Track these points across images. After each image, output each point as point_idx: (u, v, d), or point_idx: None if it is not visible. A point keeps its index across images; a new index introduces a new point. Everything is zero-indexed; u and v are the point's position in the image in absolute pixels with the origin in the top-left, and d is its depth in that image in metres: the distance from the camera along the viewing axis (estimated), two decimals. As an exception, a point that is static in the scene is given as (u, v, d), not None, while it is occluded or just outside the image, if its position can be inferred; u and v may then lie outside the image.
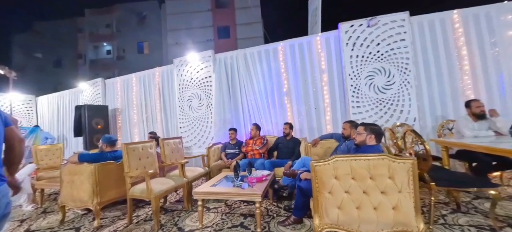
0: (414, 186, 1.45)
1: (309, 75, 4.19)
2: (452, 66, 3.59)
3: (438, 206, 2.32)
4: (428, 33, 3.71)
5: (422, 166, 2.02)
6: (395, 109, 3.68)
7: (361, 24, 3.88)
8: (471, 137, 2.67)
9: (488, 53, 3.50)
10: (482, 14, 3.56)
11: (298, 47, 4.30)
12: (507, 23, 3.46)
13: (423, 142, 1.97)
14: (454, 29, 3.64)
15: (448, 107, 3.56)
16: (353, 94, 3.84)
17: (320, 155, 2.92)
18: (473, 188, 1.85)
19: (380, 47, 3.79)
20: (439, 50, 3.66)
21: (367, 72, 3.82)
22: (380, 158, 1.50)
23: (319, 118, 4.09)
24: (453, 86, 3.57)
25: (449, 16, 3.67)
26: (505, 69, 3.43)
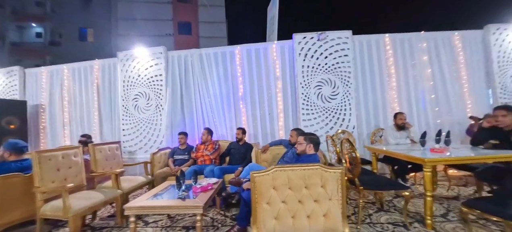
0: (342, 193, 1.56)
1: (264, 81, 4.26)
2: (383, 82, 4.16)
3: (367, 206, 2.61)
4: (366, 51, 4.22)
5: (354, 172, 2.24)
6: (338, 117, 4.05)
7: (313, 37, 4.16)
8: (394, 144, 3.13)
9: (410, 73, 4.18)
10: (406, 39, 4.24)
11: (255, 53, 4.33)
12: (423, 50, 4.21)
13: (354, 150, 2.18)
14: (385, 50, 4.23)
15: (379, 117, 4.10)
16: (303, 102, 4.07)
17: (268, 161, 2.98)
18: (392, 190, 2.13)
19: (327, 60, 4.12)
20: (374, 67, 4.19)
21: (316, 82, 4.10)
22: (314, 168, 1.57)
23: (272, 124, 4.19)
24: (384, 98, 4.14)
25: (382, 38, 4.25)
26: (420, 87, 4.15)
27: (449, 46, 4.22)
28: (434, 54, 4.19)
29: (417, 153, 2.39)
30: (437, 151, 2.28)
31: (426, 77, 4.17)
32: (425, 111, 4.11)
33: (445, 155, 2.19)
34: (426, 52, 4.19)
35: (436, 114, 4.07)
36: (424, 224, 2.06)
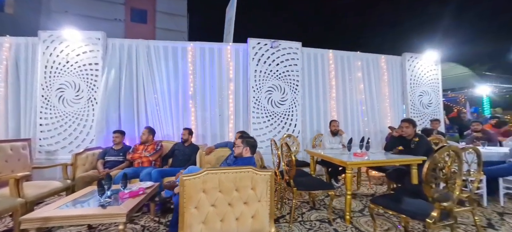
0: (270, 195, 1.63)
1: (216, 81, 4.19)
2: (325, 92, 4.62)
3: (302, 205, 2.82)
4: (313, 63, 4.62)
5: (290, 174, 2.39)
6: (286, 122, 4.29)
7: (266, 44, 4.32)
8: (329, 148, 3.49)
9: (347, 86, 4.76)
10: (345, 57, 4.81)
11: (209, 52, 4.23)
12: (358, 67, 4.85)
13: (291, 154, 2.33)
14: (329, 64, 4.72)
15: (321, 123, 4.52)
16: (254, 105, 4.17)
17: (212, 163, 2.92)
18: (322, 190, 2.35)
19: (279, 67, 4.34)
20: (318, 78, 4.62)
21: (267, 87, 4.26)
22: (246, 171, 1.60)
23: (223, 125, 4.15)
24: (325, 107, 4.59)
25: (326, 53, 4.73)
26: (355, 99, 4.77)
27: (377, 67, 5.00)
28: (366, 72, 4.89)
29: (344, 156, 2.72)
30: (359, 155, 2.64)
31: (359, 91, 4.82)
32: (358, 120, 4.74)
33: (364, 158, 2.56)
34: (360, 70, 4.85)
35: (365, 124, 4.74)
36: (345, 219, 2.34)
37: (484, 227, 2.20)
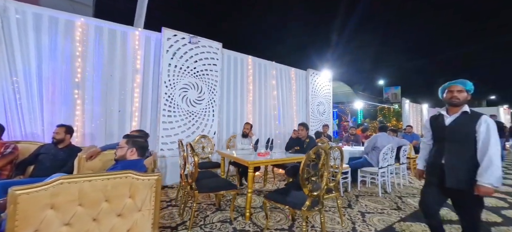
0: (155, 202, 1.45)
1: (118, 71, 3.50)
2: (243, 95, 4.82)
3: (208, 208, 2.75)
4: (233, 66, 4.72)
5: (192, 176, 2.27)
6: (201, 122, 4.14)
7: (184, 38, 4.02)
8: (240, 149, 3.62)
9: (262, 91, 5.16)
10: (263, 64, 5.22)
11: (109, 34, 3.48)
12: (273, 75, 5.37)
13: (195, 155, 2.21)
14: (247, 69, 4.96)
15: (237, 125, 4.67)
16: (166, 102, 3.77)
17: (95, 170, 2.36)
18: (223, 190, 2.36)
19: (197, 65, 4.14)
20: (237, 81, 4.76)
21: (182, 84, 3.97)
22: (122, 176, 1.35)
23: (123, 123, 3.50)
24: (242, 109, 4.79)
25: (246, 58, 4.96)
26: (269, 104, 5.24)
27: (288, 77, 5.72)
28: (279, 81, 5.49)
29: (248, 156, 2.87)
30: (262, 155, 2.86)
31: (273, 97, 5.34)
32: (270, 123, 5.23)
33: (266, 158, 2.79)
34: (274, 78, 5.39)
35: (276, 127, 5.30)
36: (245, 217, 2.45)
37: (345, 207, 2.87)
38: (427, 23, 28.23)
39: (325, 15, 27.28)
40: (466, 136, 1.58)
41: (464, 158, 1.57)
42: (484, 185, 1.43)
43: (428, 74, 30.91)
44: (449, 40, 30.93)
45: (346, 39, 23.82)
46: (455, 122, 1.65)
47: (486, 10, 25.77)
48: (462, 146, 1.59)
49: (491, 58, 28.37)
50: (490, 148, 1.46)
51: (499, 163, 1.45)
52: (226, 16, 25.76)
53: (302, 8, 25.27)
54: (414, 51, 30.49)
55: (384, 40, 27.76)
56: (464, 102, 1.64)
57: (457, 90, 1.64)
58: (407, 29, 27.97)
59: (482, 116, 1.58)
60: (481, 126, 1.53)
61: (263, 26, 26.54)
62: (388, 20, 26.60)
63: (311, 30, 26.79)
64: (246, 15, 24.90)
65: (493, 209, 2.91)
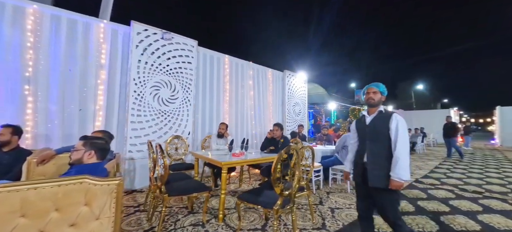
0: (116, 208, 1.34)
1: (78, 65, 3.19)
2: (219, 94, 4.74)
3: (179, 211, 2.64)
4: (209, 65, 4.62)
5: (162, 179, 2.16)
6: (174, 122, 3.97)
7: (156, 33, 3.82)
8: (215, 149, 3.55)
9: (239, 91, 5.13)
10: (240, 64, 5.20)
11: (68, 24, 3.15)
12: (250, 76, 5.38)
13: (164, 157, 2.11)
14: (224, 68, 4.89)
15: (213, 125, 4.58)
16: (135, 101, 3.54)
17: (49, 175, 2.12)
18: (195, 193, 2.29)
19: (170, 62, 3.97)
20: (214, 80, 4.67)
21: (154, 82, 3.76)
22: (77, 182, 1.22)
23: (84, 124, 3.19)
24: (218, 109, 4.71)
25: (223, 58, 4.89)
26: (245, 104, 5.23)
27: (265, 78, 5.78)
28: (256, 81, 5.52)
29: (226, 157, 2.83)
30: (236, 155, 2.84)
31: (250, 97, 5.34)
32: (247, 123, 5.23)
33: (240, 158, 2.77)
34: (251, 78, 5.40)
35: (253, 126, 5.31)
36: (218, 218, 2.41)
37: (316, 204, 2.99)
38: (389, 34, 31.01)
39: (300, 21, 28.32)
40: (382, 134, 1.65)
41: (383, 156, 1.62)
42: (394, 179, 1.53)
43: (391, 79, 34.04)
44: (407, 50, 34.33)
45: (320, 44, 25.00)
46: (373, 121, 1.73)
47: (439, 22, 29.19)
48: (380, 144, 1.65)
49: (444, 67, 32.33)
50: (398, 144, 1.56)
51: (406, 158, 1.54)
52: (205, 14, 25.14)
53: (279, 10, 25.90)
54: (379, 58, 33.28)
55: (354, 47, 29.70)
56: (379, 102, 1.74)
57: (372, 92, 1.74)
58: (373, 40, 30.43)
59: (393, 114, 1.66)
60: (392, 124, 1.61)
61: (241, 26, 26.64)
62: (356, 32, 28.61)
63: (288, 33, 27.62)
64: (225, 15, 24.65)
65: (442, 200, 3.27)
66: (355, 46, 37.34)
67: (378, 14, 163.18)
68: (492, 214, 2.73)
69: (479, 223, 2.48)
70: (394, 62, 32.89)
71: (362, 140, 1.80)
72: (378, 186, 1.62)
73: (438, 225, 2.42)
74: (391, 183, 1.56)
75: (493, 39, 71.14)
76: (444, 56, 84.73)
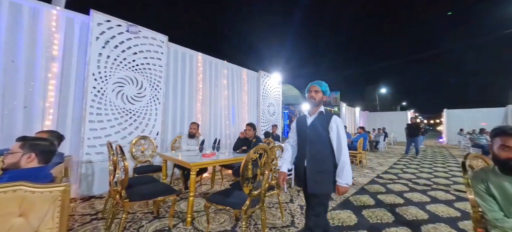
0: (61, 218, 1.19)
1: (23, 56, 2.79)
2: (192, 93, 4.57)
3: (144, 217, 2.47)
4: (180, 62, 4.42)
5: (122, 183, 1.99)
6: (141, 122, 3.71)
7: (121, 25, 3.53)
8: (186, 150, 3.41)
9: (213, 90, 5.02)
10: (214, 63, 5.08)
11: (11, 9, 2.73)
12: (224, 75, 5.30)
13: (124, 159, 1.95)
14: (197, 66, 4.73)
15: (185, 125, 4.39)
16: (94, 98, 3.22)
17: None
18: (161, 197, 2.15)
19: (136, 57, 3.70)
20: (185, 78, 4.49)
21: (117, 78, 3.47)
22: (9, 189, 1.05)
23: (31, 123, 2.80)
24: (190, 109, 4.54)
25: (196, 55, 4.73)
26: (219, 104, 5.13)
27: (240, 78, 5.75)
28: (231, 81, 5.45)
29: (196, 158, 2.73)
30: (207, 156, 2.76)
31: (224, 97, 5.26)
32: (221, 123, 5.13)
33: (211, 159, 2.70)
34: (225, 78, 5.32)
35: (227, 127, 5.24)
36: (186, 222, 2.30)
37: (287, 202, 3.06)
38: (356, 40, 33.62)
39: (277, 23, 28.99)
40: (322, 137, 1.55)
41: (322, 160, 1.53)
42: (342, 185, 1.46)
43: (359, 82, 36.88)
44: (371, 55, 37.72)
45: (295, 47, 25.90)
46: (313, 123, 1.61)
47: (398, 31, 32.52)
48: (320, 147, 1.55)
49: (403, 73, 36.13)
50: (343, 149, 1.48)
51: (349, 162, 1.50)
52: (178, 10, 24.10)
53: (255, 10, 26.15)
54: (349, 62, 35.89)
55: (326, 51, 31.45)
56: (320, 102, 1.64)
57: (314, 91, 1.63)
58: (342, 44, 32.61)
59: (333, 117, 1.57)
60: (332, 126, 1.53)
61: (215, 24, 26.26)
62: (328, 37, 30.31)
63: (264, 34, 28.12)
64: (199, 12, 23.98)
65: (398, 193, 3.61)
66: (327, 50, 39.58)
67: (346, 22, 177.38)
68: (438, 204, 3.09)
69: (427, 213, 2.79)
70: (363, 67, 35.99)
71: (302, 143, 1.65)
72: (317, 192, 1.52)
73: (394, 216, 2.66)
74: (338, 190, 1.48)
75: (442, 50, 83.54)
76: (404, 63, 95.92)
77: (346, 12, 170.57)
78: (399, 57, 42.62)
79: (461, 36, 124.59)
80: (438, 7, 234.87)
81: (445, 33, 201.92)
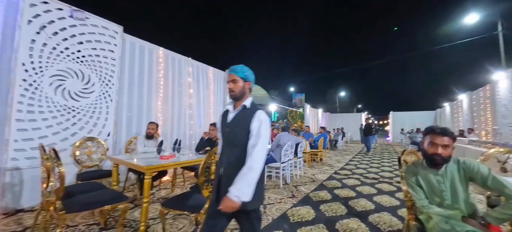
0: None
1: None
2: (151, 91, 4.23)
3: (88, 229, 2.17)
4: (138, 56, 4.05)
5: (57, 192, 1.70)
6: (88, 121, 3.27)
7: (62, 9, 3.05)
8: (142, 152, 3.13)
9: (176, 88, 4.74)
10: (177, 59, 4.81)
11: None
12: (189, 73, 5.05)
13: (60, 165, 1.67)
14: (158, 62, 4.40)
15: (142, 125, 4.04)
16: (25, 93, 2.71)
17: None
18: (105, 206, 1.92)
19: (82, 48, 3.25)
20: (144, 74, 4.12)
21: (57, 70, 2.99)
22: None
23: None
24: (150, 107, 4.20)
25: (156, 50, 4.39)
26: (183, 102, 4.88)
27: (206, 76, 5.57)
28: (196, 79, 5.24)
29: (152, 161, 2.51)
30: (165, 158, 2.57)
31: (188, 95, 5.01)
32: (185, 123, 4.88)
33: (169, 161, 2.53)
34: (191, 75, 5.09)
35: (191, 127, 5.01)
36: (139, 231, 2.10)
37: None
38: (320, 45, 36.26)
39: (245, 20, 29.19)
40: (242, 136, 1.22)
41: (241, 166, 1.16)
42: (231, 197, 1.09)
43: (322, 85, 39.80)
44: (333, 61, 41.28)
45: (265, 48, 26.48)
46: (234, 119, 1.29)
47: (355, 40, 36.21)
48: (240, 150, 1.21)
49: (359, 78, 40.32)
50: (256, 151, 1.15)
51: (258, 172, 1.16)
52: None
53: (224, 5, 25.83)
54: (314, 66, 38.42)
55: (291, 54, 32.95)
56: (242, 93, 1.30)
57: (231, 81, 1.29)
58: (307, 48, 34.74)
59: (257, 111, 1.26)
60: (253, 124, 1.21)
61: (181, 22, 25.10)
62: (292, 40, 31.83)
63: (229, 32, 28.05)
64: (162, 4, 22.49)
65: (351, 187, 3.96)
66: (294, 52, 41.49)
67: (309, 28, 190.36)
68: (383, 195, 3.50)
69: (374, 203, 3.12)
70: (326, 71, 39.15)
71: (223, 143, 1.36)
72: (244, 208, 1.16)
73: (347, 209, 2.90)
74: (223, 201, 1.12)
75: (390, 59, 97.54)
76: (360, 70, 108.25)
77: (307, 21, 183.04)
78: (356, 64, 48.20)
79: (404, 49, 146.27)
80: (386, 23, 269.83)
81: (393, 45, 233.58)
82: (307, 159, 5.94)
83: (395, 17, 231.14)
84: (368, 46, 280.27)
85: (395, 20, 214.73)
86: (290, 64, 30.99)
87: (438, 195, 1.43)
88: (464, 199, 1.38)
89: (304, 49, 44.22)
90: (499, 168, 2.18)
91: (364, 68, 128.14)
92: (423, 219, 1.47)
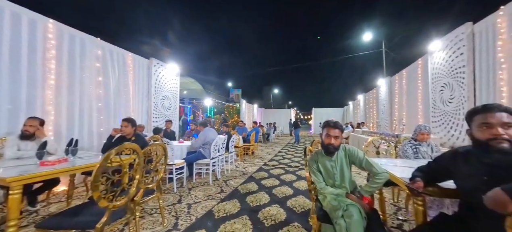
0: None
1: None
2: (35, 76, 3.17)
3: None
4: (11, 28, 2.93)
5: None
6: None
7: None
8: (14, 158, 2.30)
9: (78, 75, 3.76)
10: (79, 37, 3.80)
11: None
12: (97, 56, 4.11)
13: None
14: (47, 38, 3.34)
15: (19, 121, 2.97)
16: None
17: None
18: None
19: None
20: (22, 53, 3.04)
21: None
22: None
23: None
24: (33, 98, 3.14)
25: (44, 22, 3.32)
26: (88, 93, 3.94)
27: (123, 62, 4.70)
28: (109, 64, 4.33)
29: (31, 168, 1.87)
30: (49, 164, 1.98)
31: (97, 84, 4.09)
32: (91, 118, 3.96)
33: (55, 167, 1.96)
34: (100, 60, 4.16)
35: (100, 122, 4.13)
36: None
37: (174, 204, 2.82)
38: (255, 43, 38.07)
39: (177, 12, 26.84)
40: None
41: None
42: None
43: (258, 82, 41.95)
44: (267, 59, 44.45)
45: (197, 40, 25.29)
46: None
47: (284, 44, 40.05)
48: None
49: (290, 77, 44.96)
50: None
51: None
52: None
53: None
54: (250, 63, 39.94)
55: (228, 49, 33.03)
56: None
57: None
58: (243, 45, 35.74)
59: None
60: None
61: None
62: (229, 35, 31.93)
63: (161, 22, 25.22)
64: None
65: (277, 176, 4.32)
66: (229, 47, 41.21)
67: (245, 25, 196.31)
68: (300, 181, 3.98)
69: (293, 189, 3.51)
70: (261, 69, 41.31)
71: None
72: None
73: (270, 197, 3.12)
74: None
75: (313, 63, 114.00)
76: (290, 70, 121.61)
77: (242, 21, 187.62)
78: (288, 64, 53.70)
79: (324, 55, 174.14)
80: (312, 31, 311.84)
81: (317, 51, 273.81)
82: (240, 153, 6.07)
83: (318, 27, 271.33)
84: (298, 49, 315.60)
85: (318, 30, 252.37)
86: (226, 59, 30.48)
87: (331, 178, 1.70)
88: (349, 179, 1.70)
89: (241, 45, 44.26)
90: (375, 152, 2.88)
91: (294, 69, 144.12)
92: (321, 199, 1.72)
